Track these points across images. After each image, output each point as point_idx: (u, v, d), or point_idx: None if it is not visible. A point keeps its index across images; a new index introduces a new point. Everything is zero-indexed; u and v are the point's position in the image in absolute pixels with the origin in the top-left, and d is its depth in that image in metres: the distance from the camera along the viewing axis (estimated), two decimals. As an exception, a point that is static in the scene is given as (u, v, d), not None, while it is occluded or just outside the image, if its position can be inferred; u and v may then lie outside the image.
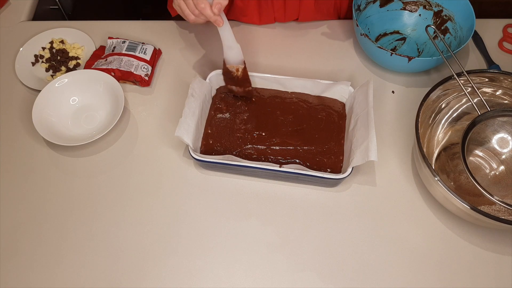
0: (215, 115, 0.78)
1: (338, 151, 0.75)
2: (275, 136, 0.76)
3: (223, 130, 0.77)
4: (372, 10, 0.91)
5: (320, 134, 0.76)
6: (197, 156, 0.69)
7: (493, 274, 0.66)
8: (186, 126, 0.70)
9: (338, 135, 0.76)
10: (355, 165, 0.67)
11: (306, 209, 0.72)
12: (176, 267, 0.67)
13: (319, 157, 0.74)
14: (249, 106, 0.79)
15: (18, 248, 0.69)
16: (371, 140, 0.67)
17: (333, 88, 0.79)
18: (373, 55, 0.85)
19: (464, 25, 0.83)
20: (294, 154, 0.74)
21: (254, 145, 0.75)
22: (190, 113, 0.72)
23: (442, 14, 0.88)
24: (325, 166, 0.73)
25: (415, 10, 0.92)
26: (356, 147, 0.69)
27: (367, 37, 0.79)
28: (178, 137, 0.68)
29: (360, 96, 0.75)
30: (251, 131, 0.76)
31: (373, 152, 0.66)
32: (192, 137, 0.70)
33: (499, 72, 0.73)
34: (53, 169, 0.76)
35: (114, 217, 0.71)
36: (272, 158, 0.74)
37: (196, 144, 0.73)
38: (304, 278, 0.66)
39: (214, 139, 0.75)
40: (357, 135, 0.71)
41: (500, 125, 0.71)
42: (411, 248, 0.68)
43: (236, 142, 0.75)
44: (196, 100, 0.74)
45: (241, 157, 0.74)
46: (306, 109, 0.79)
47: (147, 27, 0.94)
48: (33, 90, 0.84)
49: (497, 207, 0.70)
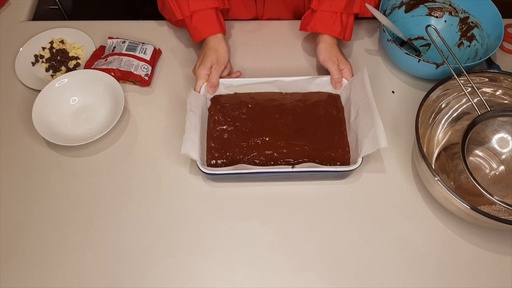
0: (214, 127, 0.77)
1: (343, 143, 0.75)
2: (280, 139, 0.76)
3: (226, 142, 0.75)
4: (397, 15, 0.91)
5: (322, 130, 0.77)
6: (208, 171, 0.68)
7: (493, 274, 0.66)
8: (190, 142, 0.69)
9: (340, 128, 0.77)
10: (366, 154, 0.68)
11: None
12: (176, 267, 0.67)
13: (326, 153, 0.74)
14: (246, 113, 0.79)
15: (18, 248, 0.69)
16: (378, 127, 0.68)
17: (326, 81, 0.80)
18: (399, 61, 0.84)
19: (492, 33, 0.83)
20: (302, 154, 0.74)
21: (261, 151, 0.74)
22: (192, 128, 0.71)
23: (469, 20, 0.87)
24: (334, 160, 0.74)
25: (440, 16, 0.91)
26: (363, 136, 0.70)
27: (394, 43, 0.79)
28: (185, 154, 0.67)
29: (356, 86, 0.75)
30: (254, 138, 0.76)
31: (382, 139, 0.67)
32: (199, 151, 0.70)
33: (499, 72, 0.73)
34: (53, 169, 0.76)
35: (114, 217, 0.71)
36: (282, 161, 0.74)
37: (202, 158, 0.72)
38: (304, 278, 0.66)
39: (219, 152, 0.74)
40: (362, 124, 0.71)
41: (500, 125, 0.71)
42: (411, 248, 0.68)
43: (242, 151, 0.74)
44: (195, 114, 0.73)
45: (250, 164, 0.73)
46: (303, 108, 0.79)
47: (147, 27, 0.94)
48: (33, 90, 0.84)
49: (497, 207, 0.70)
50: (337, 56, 0.81)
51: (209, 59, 0.79)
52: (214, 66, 0.79)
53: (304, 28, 0.85)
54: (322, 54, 0.82)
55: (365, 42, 0.92)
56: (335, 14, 0.81)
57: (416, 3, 0.91)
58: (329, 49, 0.82)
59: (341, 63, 0.80)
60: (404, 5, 0.91)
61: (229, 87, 0.80)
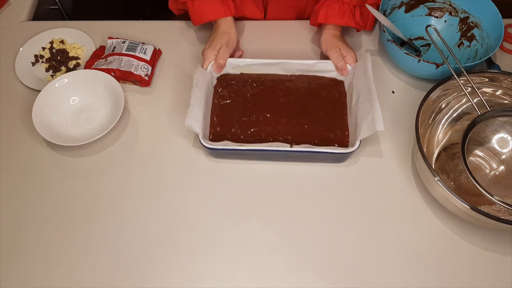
0: (218, 103, 0.79)
1: (343, 126, 0.77)
2: (281, 116, 0.77)
3: (229, 116, 0.78)
4: (397, 15, 0.91)
5: (324, 112, 0.78)
6: (208, 145, 0.71)
7: (493, 274, 0.66)
8: (194, 116, 0.71)
9: (341, 111, 0.79)
10: (363, 137, 0.69)
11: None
12: (176, 267, 0.67)
13: (325, 133, 0.76)
14: (251, 90, 0.81)
15: (18, 248, 0.69)
16: (376, 111, 0.69)
17: (331, 67, 0.81)
18: (399, 61, 0.85)
19: (492, 33, 0.83)
20: (301, 132, 0.76)
21: (262, 127, 0.76)
22: (197, 103, 0.73)
23: (469, 20, 0.87)
24: (332, 141, 0.75)
25: (440, 16, 0.91)
26: (362, 120, 0.71)
27: (394, 43, 0.79)
28: (188, 126, 0.69)
29: (359, 72, 0.77)
30: (256, 114, 0.78)
31: (379, 122, 0.68)
32: (201, 126, 0.72)
33: (499, 72, 0.73)
34: (53, 169, 0.76)
35: (114, 217, 0.71)
36: (281, 138, 0.75)
37: (204, 133, 0.74)
38: (304, 278, 0.66)
39: (221, 126, 0.77)
40: (361, 108, 0.72)
41: (500, 125, 0.71)
42: (411, 248, 0.68)
43: (242, 126, 0.76)
44: (200, 90, 0.75)
45: (250, 140, 0.75)
46: (307, 89, 0.81)
47: (147, 27, 0.94)
48: (33, 90, 0.84)
49: (497, 207, 0.70)
50: (339, 45, 0.82)
51: (218, 42, 0.81)
52: (223, 48, 0.81)
53: (315, 20, 0.85)
54: (324, 45, 0.84)
55: (365, 42, 0.92)
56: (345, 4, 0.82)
57: (416, 3, 0.91)
58: (330, 39, 0.84)
59: (344, 51, 0.81)
60: (404, 5, 0.91)
61: (236, 67, 0.82)
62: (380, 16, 0.80)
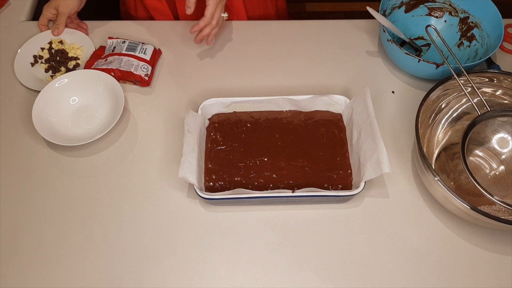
0: (212, 147, 0.75)
1: (345, 165, 0.73)
2: (279, 160, 0.74)
3: (224, 163, 0.74)
4: (397, 15, 0.90)
5: (324, 151, 0.75)
6: (205, 195, 0.67)
7: (493, 274, 0.66)
8: (188, 165, 0.67)
9: (341, 148, 0.75)
10: (368, 179, 0.67)
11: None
12: (176, 267, 0.67)
13: (328, 174, 0.72)
14: (245, 132, 0.77)
15: (18, 248, 0.69)
16: (380, 152, 0.66)
17: (328, 101, 0.78)
18: (399, 61, 0.84)
19: (492, 33, 0.82)
20: (302, 175, 0.72)
21: (260, 173, 0.73)
22: (190, 150, 0.69)
23: (469, 20, 0.87)
24: (335, 182, 0.72)
25: (440, 16, 0.91)
26: (366, 160, 0.68)
27: (394, 43, 0.79)
28: (183, 178, 0.66)
29: (359, 107, 0.73)
30: (252, 158, 0.74)
31: (385, 164, 0.65)
32: (196, 175, 0.68)
33: (499, 72, 0.74)
34: (53, 169, 0.76)
35: (114, 217, 0.71)
36: (282, 183, 0.72)
37: (200, 180, 0.70)
38: (304, 278, 0.66)
39: (217, 174, 0.72)
40: (364, 147, 0.70)
41: (500, 125, 0.71)
42: (411, 248, 0.68)
43: (240, 172, 0.73)
44: (193, 135, 0.71)
45: (248, 187, 0.72)
46: (304, 127, 0.77)
47: (147, 27, 0.94)
48: (32, 91, 0.84)
49: (497, 207, 0.70)
50: None
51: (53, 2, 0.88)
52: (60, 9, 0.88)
53: None
54: None
55: (365, 42, 0.92)
56: None
57: (416, 3, 0.91)
58: None
59: None
60: (404, 5, 0.91)
61: (229, 106, 0.78)
62: (380, 17, 0.80)
